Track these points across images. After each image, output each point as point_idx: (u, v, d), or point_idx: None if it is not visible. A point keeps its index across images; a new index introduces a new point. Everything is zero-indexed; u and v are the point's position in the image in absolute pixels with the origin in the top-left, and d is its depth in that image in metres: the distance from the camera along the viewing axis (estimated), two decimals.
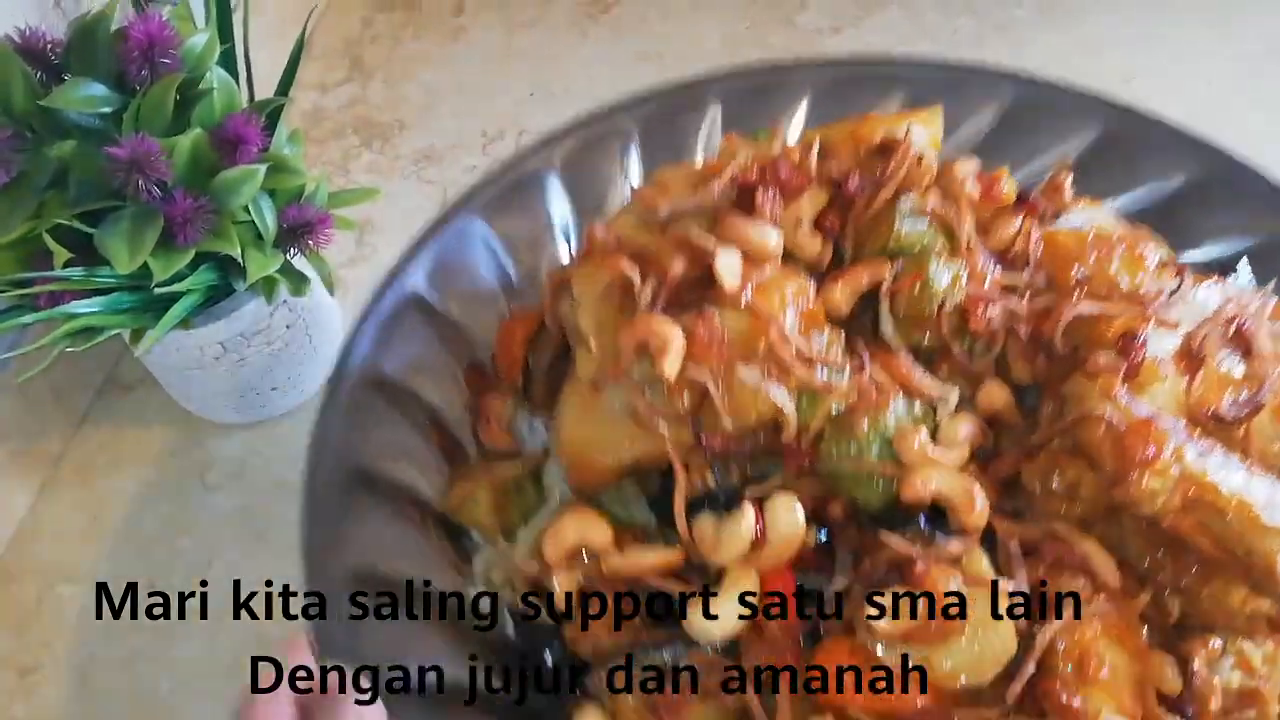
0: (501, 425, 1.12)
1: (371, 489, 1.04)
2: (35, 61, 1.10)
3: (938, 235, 1.07)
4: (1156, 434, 0.85)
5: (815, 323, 0.99)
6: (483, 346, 1.21)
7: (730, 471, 0.96)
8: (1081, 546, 0.87)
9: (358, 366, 1.10)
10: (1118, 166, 1.34)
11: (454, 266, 1.23)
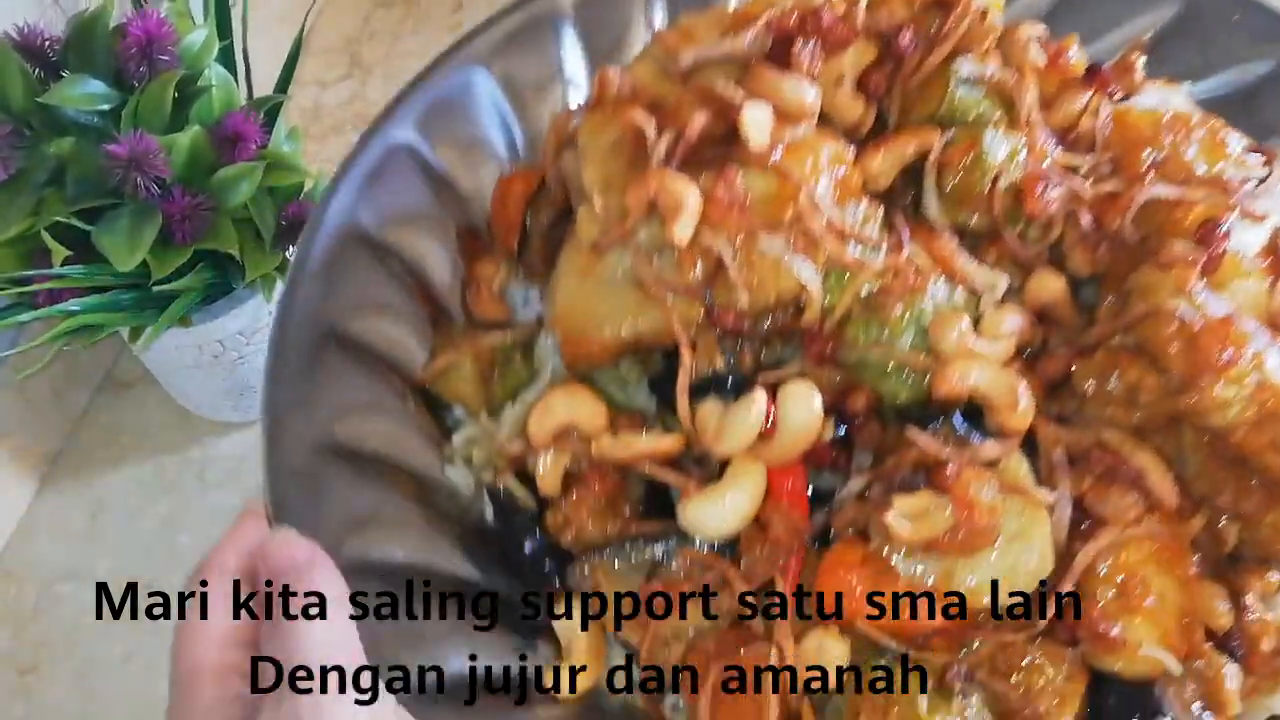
0: (493, 293, 1.01)
1: (344, 351, 0.94)
2: (33, 58, 1.11)
3: (995, 105, 0.94)
4: (1235, 335, 0.74)
5: (851, 193, 0.87)
6: (478, 207, 1.09)
7: (743, 355, 0.85)
8: (1136, 458, 0.76)
9: (336, 219, 0.99)
10: (1196, 48, 1.20)
11: (451, 116, 1.10)
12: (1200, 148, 0.94)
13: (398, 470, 0.90)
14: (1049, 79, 0.99)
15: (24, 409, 1.35)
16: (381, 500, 0.87)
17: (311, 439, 0.87)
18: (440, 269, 1.05)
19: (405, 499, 0.89)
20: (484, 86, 1.13)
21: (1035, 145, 0.93)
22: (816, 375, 0.83)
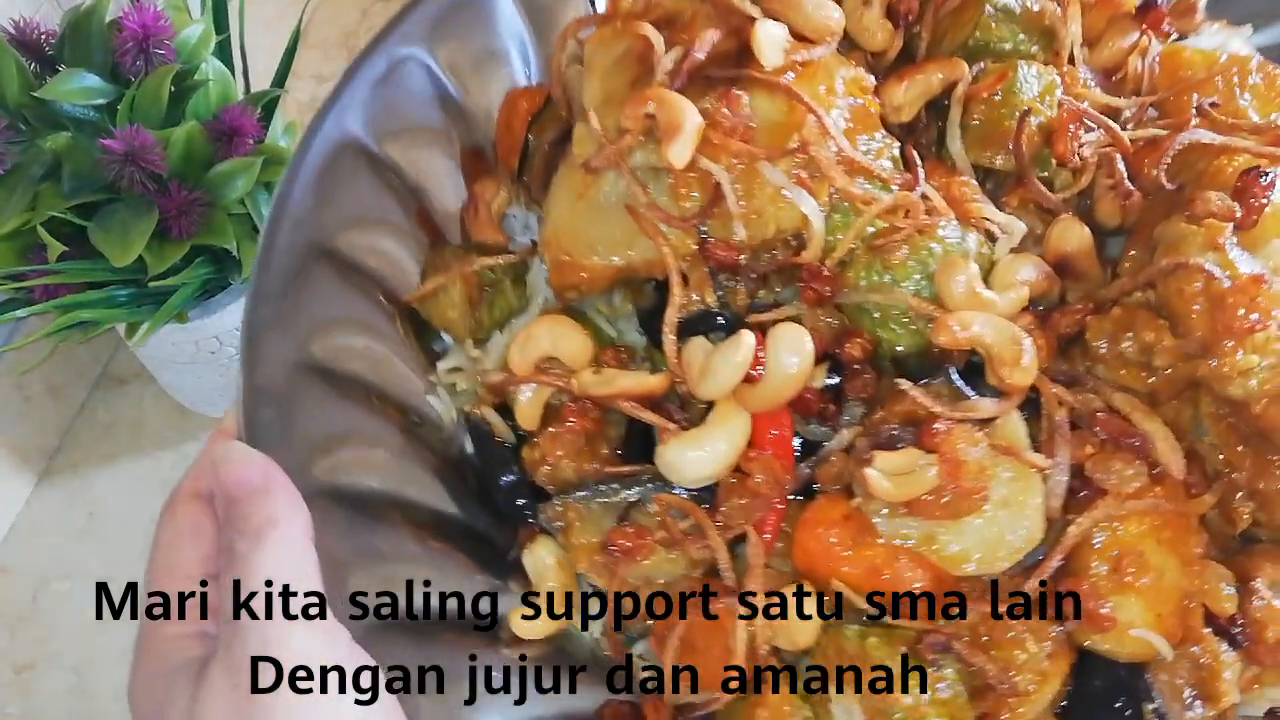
0: (491, 215, 0.97)
1: (332, 267, 0.90)
2: (29, 53, 1.11)
3: (1034, 38, 0.87)
4: (1268, 296, 0.67)
5: (867, 124, 0.81)
6: (487, 125, 1.04)
7: (737, 292, 0.81)
8: (1145, 425, 0.71)
9: (334, 129, 0.95)
10: None
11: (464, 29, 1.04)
12: (1255, 94, 0.86)
13: (378, 394, 0.87)
14: (1098, 12, 0.92)
15: (21, 405, 1.36)
16: (358, 424, 0.84)
17: (290, 356, 0.84)
18: (442, 188, 1.01)
19: (383, 425, 0.86)
20: (503, 5, 1.08)
21: (1074, 83, 0.86)
22: (813, 318, 0.79)
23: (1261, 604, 0.73)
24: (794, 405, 0.77)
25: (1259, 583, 0.73)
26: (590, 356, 0.81)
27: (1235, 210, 0.71)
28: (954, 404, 0.71)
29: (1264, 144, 0.77)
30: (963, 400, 0.72)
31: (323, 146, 0.93)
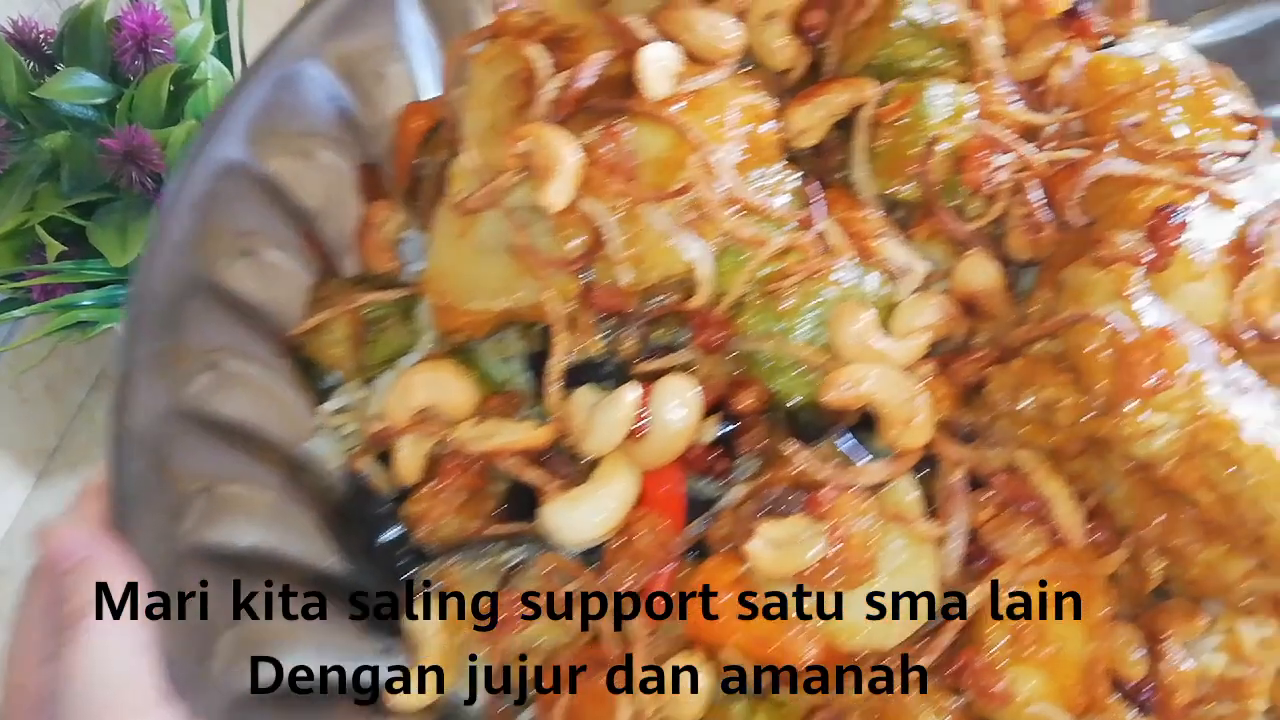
0: (384, 241, 0.91)
1: (213, 302, 0.85)
2: (28, 52, 1.11)
3: (950, 51, 0.82)
4: (1171, 353, 0.63)
5: (765, 155, 0.76)
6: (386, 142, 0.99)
7: (626, 338, 0.76)
8: (1045, 488, 0.67)
9: (218, 151, 0.89)
10: None
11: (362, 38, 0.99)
12: (1185, 108, 0.81)
13: (259, 440, 0.83)
14: (1022, 19, 0.86)
15: (18, 406, 1.33)
16: (236, 474, 0.80)
17: (165, 401, 0.79)
18: (337, 210, 0.96)
19: (264, 474, 0.81)
20: (404, 4, 1.02)
21: (991, 101, 0.81)
22: (706, 366, 0.74)
23: (1171, 666, 0.69)
24: (684, 461, 0.72)
25: (1169, 644, 0.70)
26: (473, 406, 0.77)
27: (1145, 254, 0.66)
28: (843, 467, 0.67)
29: (1182, 172, 0.72)
30: (852, 464, 0.67)
31: (205, 169, 0.87)
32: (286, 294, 0.90)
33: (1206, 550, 0.68)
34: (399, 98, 0.99)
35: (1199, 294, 0.69)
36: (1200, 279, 0.68)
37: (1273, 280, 0.71)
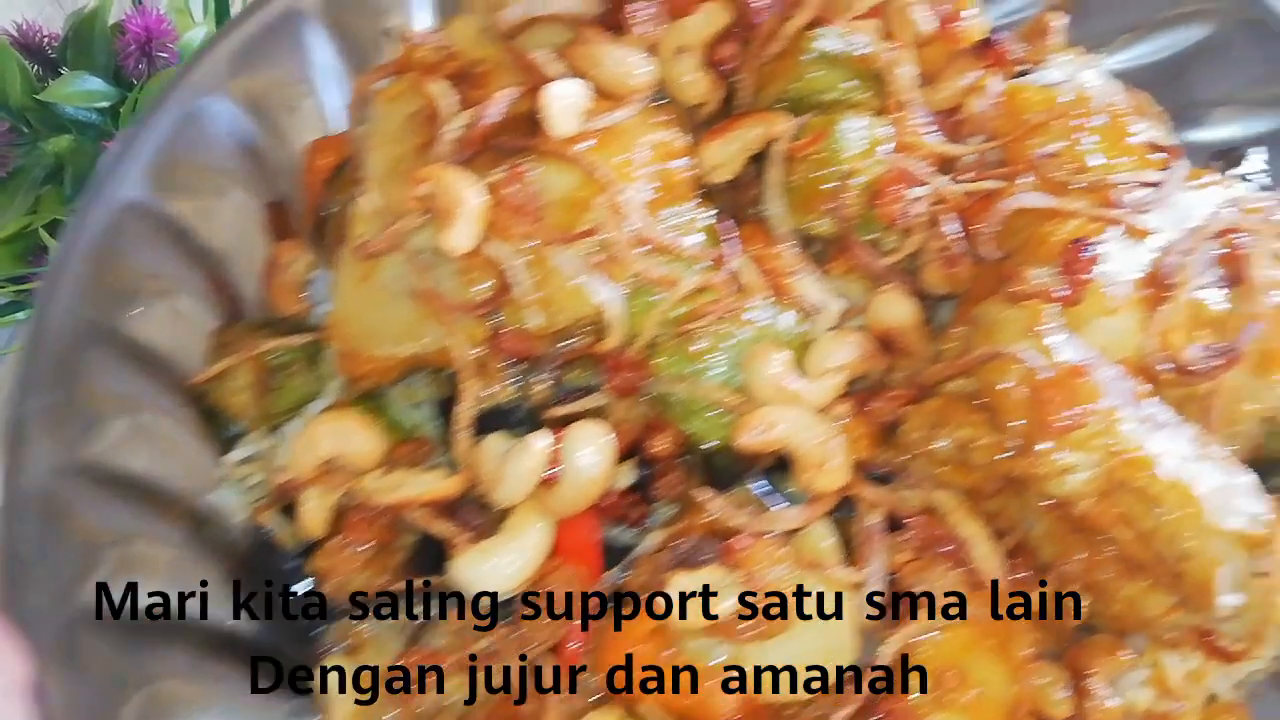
0: (291, 283, 0.89)
1: (112, 351, 0.82)
2: (32, 55, 1.11)
3: (865, 83, 0.81)
4: (1084, 390, 0.62)
5: (677, 192, 0.74)
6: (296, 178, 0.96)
7: (537, 383, 0.74)
8: (963, 529, 0.65)
9: (118, 190, 0.86)
10: (1127, 5, 1.06)
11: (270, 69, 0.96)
12: (1100, 138, 0.81)
13: (160, 495, 0.79)
14: (938, 49, 0.86)
15: None
16: (135, 532, 0.76)
17: (60, 456, 0.76)
18: (245, 250, 0.93)
19: (165, 530, 0.78)
20: (312, 35, 0.99)
21: (906, 133, 0.80)
22: (621, 410, 0.72)
23: (1096, 704, 0.68)
24: (598, 509, 0.70)
25: (1094, 681, 0.69)
26: (380, 455, 0.74)
27: (1057, 289, 0.66)
28: (758, 514, 0.65)
29: (1096, 204, 0.72)
30: (767, 509, 0.66)
31: (104, 211, 0.84)
32: (190, 340, 0.87)
33: (1128, 586, 0.67)
34: (308, 132, 0.97)
35: (1113, 328, 0.68)
36: (1113, 313, 0.68)
37: (1187, 312, 0.71)
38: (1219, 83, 1.02)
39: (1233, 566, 0.62)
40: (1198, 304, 0.71)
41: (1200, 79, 1.03)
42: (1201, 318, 0.71)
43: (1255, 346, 0.71)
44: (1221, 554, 0.62)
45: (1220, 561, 0.62)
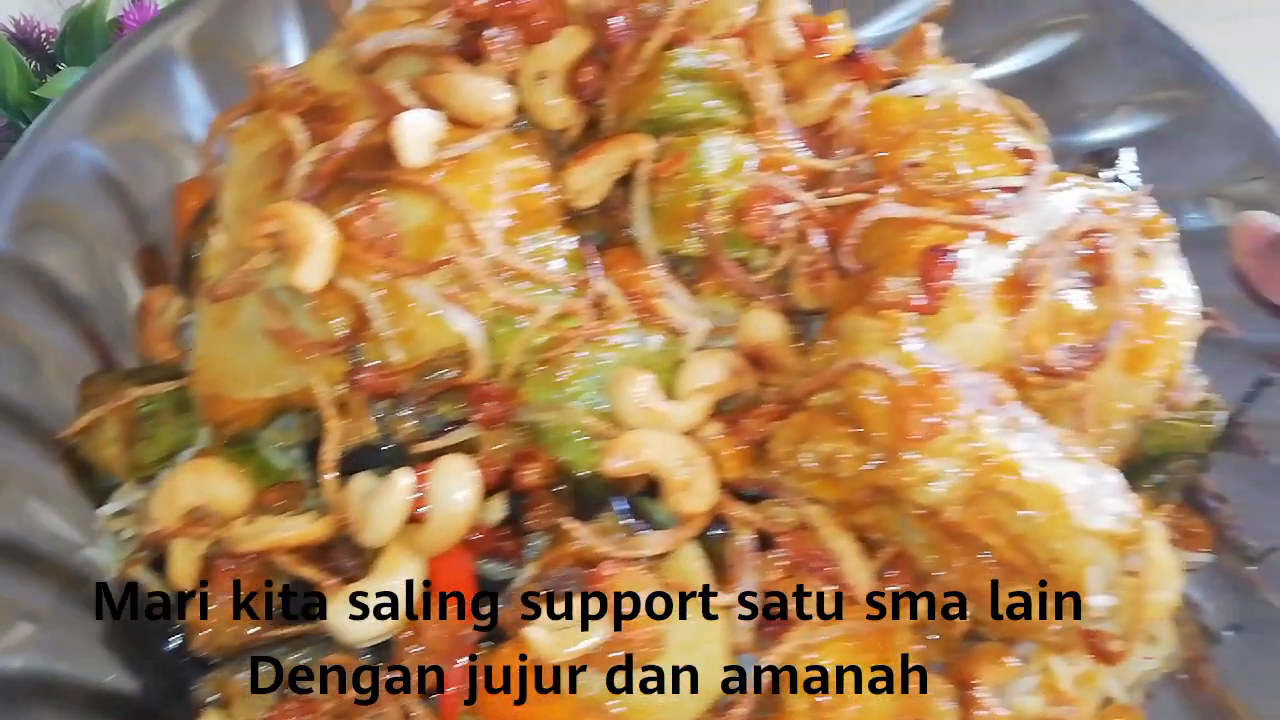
0: (165, 327, 0.86)
1: None
2: (30, 51, 1.11)
3: (728, 102, 0.81)
4: (943, 397, 0.62)
5: (537, 218, 0.73)
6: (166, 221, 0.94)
7: (403, 419, 0.72)
8: (833, 543, 0.65)
9: None
10: (1002, 15, 1.07)
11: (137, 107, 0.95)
12: (967, 145, 0.81)
13: (28, 555, 0.77)
14: (804, 64, 0.86)
15: None
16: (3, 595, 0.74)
17: None
18: (116, 297, 0.91)
19: (33, 590, 0.75)
20: (182, 76, 0.98)
21: (774, 149, 0.80)
22: (490, 442, 0.71)
23: (983, 714, 0.67)
24: (469, 544, 0.69)
25: (980, 690, 0.68)
26: (246, 502, 0.72)
27: (914, 299, 0.65)
28: (625, 540, 0.64)
29: (956, 211, 0.72)
30: (634, 535, 0.64)
31: None
32: (59, 392, 0.84)
33: (1009, 592, 0.67)
34: (178, 175, 0.95)
35: (976, 333, 0.68)
36: (973, 318, 0.67)
37: (1054, 314, 0.71)
38: (1095, 87, 1.04)
39: (1102, 567, 0.62)
40: (1064, 305, 0.71)
41: (1077, 84, 1.04)
42: (1069, 319, 0.71)
43: (1125, 346, 0.72)
44: (1091, 554, 0.62)
45: (1090, 562, 0.62)
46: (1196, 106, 1.00)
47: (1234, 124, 0.98)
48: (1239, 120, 0.98)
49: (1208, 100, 0.99)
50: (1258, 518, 0.86)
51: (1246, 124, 0.98)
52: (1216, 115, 0.99)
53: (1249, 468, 0.87)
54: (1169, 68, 1.00)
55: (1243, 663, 0.82)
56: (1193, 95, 1.00)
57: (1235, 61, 1.00)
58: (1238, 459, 0.87)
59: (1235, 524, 0.86)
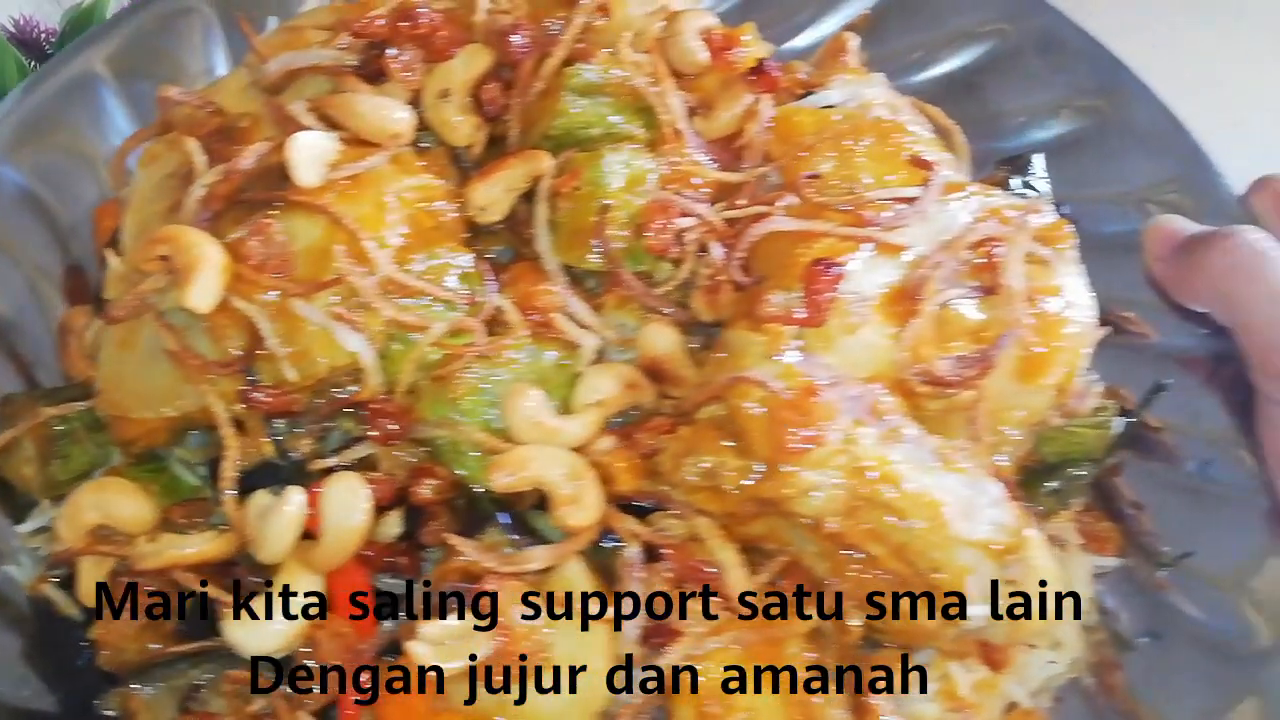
0: (85, 346, 0.87)
1: None
2: (29, 50, 1.12)
3: (631, 117, 0.81)
4: (819, 409, 0.63)
5: (434, 236, 0.74)
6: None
7: (301, 437, 0.73)
8: (718, 555, 0.65)
9: None
10: (923, 23, 1.08)
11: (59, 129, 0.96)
12: (870, 156, 0.82)
13: None
14: (712, 78, 0.87)
15: None
16: None
17: None
18: (36, 319, 0.91)
19: None
20: (108, 97, 0.99)
21: (680, 163, 0.80)
22: (388, 458, 0.72)
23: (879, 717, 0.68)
24: (366, 559, 0.69)
25: (875, 697, 0.69)
26: (150, 520, 0.73)
27: (796, 312, 0.66)
28: (512, 554, 0.65)
29: (847, 224, 0.72)
30: (519, 549, 0.65)
31: None
32: None
33: (902, 599, 0.67)
34: (103, 197, 0.96)
35: (862, 344, 0.68)
36: (856, 331, 0.68)
37: (946, 324, 0.72)
38: (1015, 94, 1.04)
39: (981, 575, 0.63)
40: (956, 315, 0.72)
41: (997, 91, 1.05)
42: (961, 329, 0.72)
43: (1020, 354, 0.72)
44: (969, 563, 0.63)
45: (969, 571, 0.63)
46: (1116, 113, 1.00)
47: (1154, 131, 0.98)
48: (1159, 127, 0.98)
49: (1128, 107, 1.00)
50: (1172, 523, 0.87)
51: (1166, 131, 0.98)
52: (1136, 122, 0.99)
53: (1163, 474, 0.87)
54: (1089, 75, 1.01)
55: (1151, 669, 0.82)
56: (1112, 102, 1.01)
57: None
58: (1153, 465, 0.88)
59: (1148, 529, 0.87)
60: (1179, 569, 0.84)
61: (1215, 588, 0.83)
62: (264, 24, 0.96)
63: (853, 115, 0.84)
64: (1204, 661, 0.81)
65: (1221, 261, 0.81)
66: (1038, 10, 1.03)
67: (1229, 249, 0.81)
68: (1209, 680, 0.80)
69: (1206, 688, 0.80)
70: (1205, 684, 0.80)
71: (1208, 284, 0.82)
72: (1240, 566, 0.83)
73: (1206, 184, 0.95)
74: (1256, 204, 0.89)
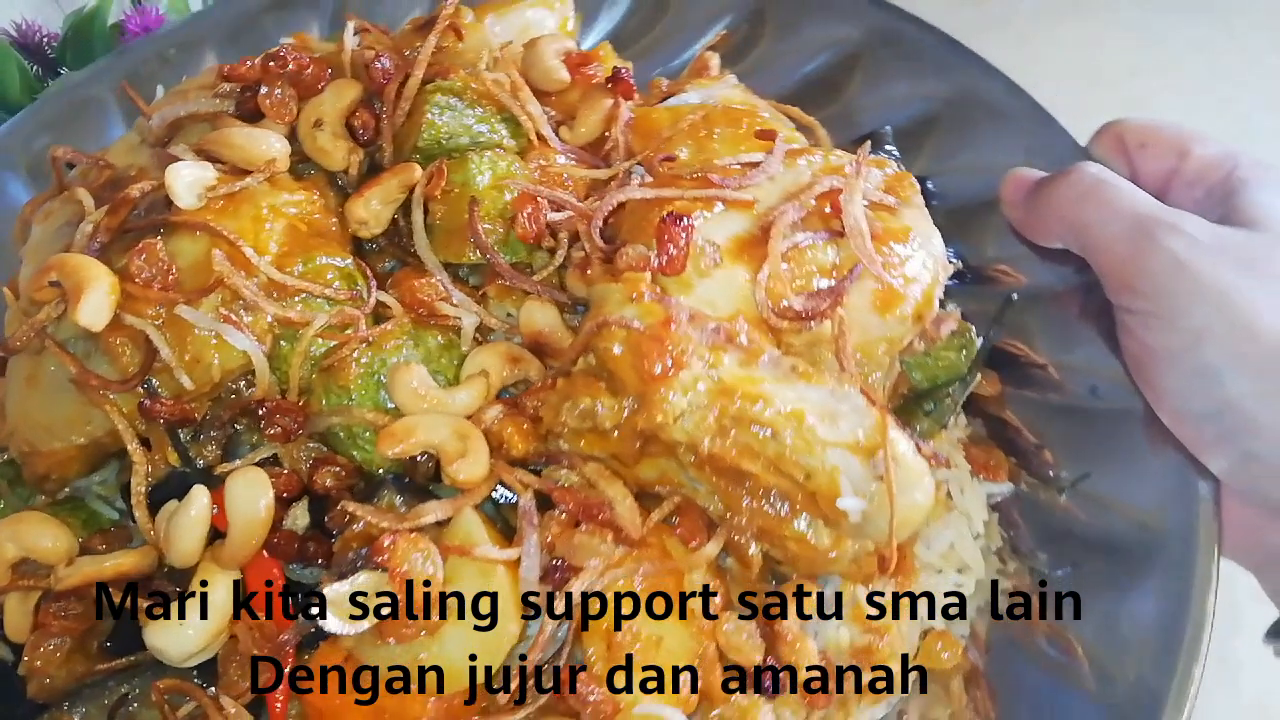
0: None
1: None
2: (31, 55, 1.12)
3: (495, 127, 0.87)
4: (675, 337, 0.67)
5: (317, 242, 0.79)
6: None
7: (206, 444, 0.76)
8: (607, 491, 0.69)
9: None
10: (781, 34, 1.16)
11: None
12: (723, 141, 0.88)
13: None
14: (575, 89, 0.93)
15: None
16: None
17: None
18: None
19: None
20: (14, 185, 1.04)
21: (548, 163, 0.86)
22: (291, 454, 0.75)
23: (791, 645, 0.70)
24: (276, 551, 0.72)
25: (785, 624, 0.71)
26: (70, 548, 0.75)
27: (651, 258, 0.71)
28: (406, 513, 0.68)
29: (697, 187, 0.78)
30: (410, 508, 0.68)
31: None
32: None
33: (791, 525, 0.70)
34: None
35: (720, 286, 0.73)
36: (709, 274, 0.73)
37: (798, 266, 0.76)
38: (868, 88, 1.12)
39: (851, 473, 0.66)
40: (812, 257, 0.77)
41: (854, 88, 1.12)
42: (819, 267, 0.77)
43: (875, 289, 0.77)
44: (839, 463, 0.66)
45: (840, 470, 0.66)
46: (967, 94, 1.07)
47: (1003, 106, 1.04)
48: (1007, 102, 1.05)
49: (976, 88, 1.06)
50: (1070, 450, 0.90)
51: (1015, 105, 1.05)
52: (987, 100, 1.05)
53: (1052, 404, 0.91)
54: (938, 63, 1.08)
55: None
56: (961, 85, 1.07)
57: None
58: (1047, 396, 0.91)
59: (1043, 457, 0.90)
60: (1075, 491, 0.88)
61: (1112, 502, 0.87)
62: (154, 94, 1.02)
63: (706, 108, 0.91)
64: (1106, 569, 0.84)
65: (1068, 194, 0.86)
66: (893, 18, 1.11)
67: (1073, 182, 0.86)
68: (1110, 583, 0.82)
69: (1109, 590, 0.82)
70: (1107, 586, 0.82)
71: (1059, 218, 0.88)
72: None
73: (1058, 146, 1.01)
74: (1099, 148, 0.95)
